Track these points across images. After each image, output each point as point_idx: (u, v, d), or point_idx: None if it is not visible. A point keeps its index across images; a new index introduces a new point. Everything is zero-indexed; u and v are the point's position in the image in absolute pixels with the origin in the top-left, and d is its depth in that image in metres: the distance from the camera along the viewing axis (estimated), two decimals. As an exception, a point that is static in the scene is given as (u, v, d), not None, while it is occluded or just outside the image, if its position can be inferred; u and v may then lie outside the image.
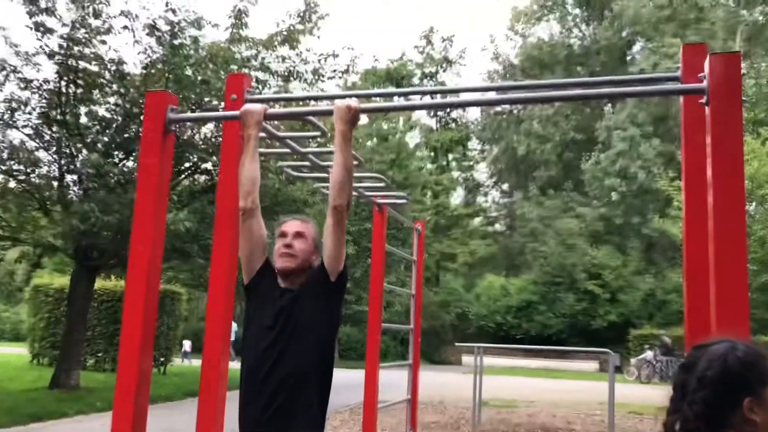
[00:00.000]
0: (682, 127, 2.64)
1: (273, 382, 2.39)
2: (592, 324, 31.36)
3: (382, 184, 4.70)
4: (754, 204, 22.97)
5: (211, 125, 11.87)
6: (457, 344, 14.02)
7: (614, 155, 33.88)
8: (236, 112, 2.69)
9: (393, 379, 9.78)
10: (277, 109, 2.96)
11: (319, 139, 8.24)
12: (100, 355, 16.72)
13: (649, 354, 24.50)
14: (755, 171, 21.02)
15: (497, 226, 48.18)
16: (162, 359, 17.39)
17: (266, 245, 2.63)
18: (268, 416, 2.37)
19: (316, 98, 3.27)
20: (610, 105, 36.67)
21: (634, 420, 11.83)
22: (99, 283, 14.95)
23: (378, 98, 4.55)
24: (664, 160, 31.62)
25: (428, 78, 44.04)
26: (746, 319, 2.14)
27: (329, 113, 2.62)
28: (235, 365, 2.94)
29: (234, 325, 14.15)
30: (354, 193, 4.95)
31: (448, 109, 46.49)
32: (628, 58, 39.51)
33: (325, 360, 2.50)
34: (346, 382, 5.27)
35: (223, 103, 3.43)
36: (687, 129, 2.60)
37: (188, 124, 12.40)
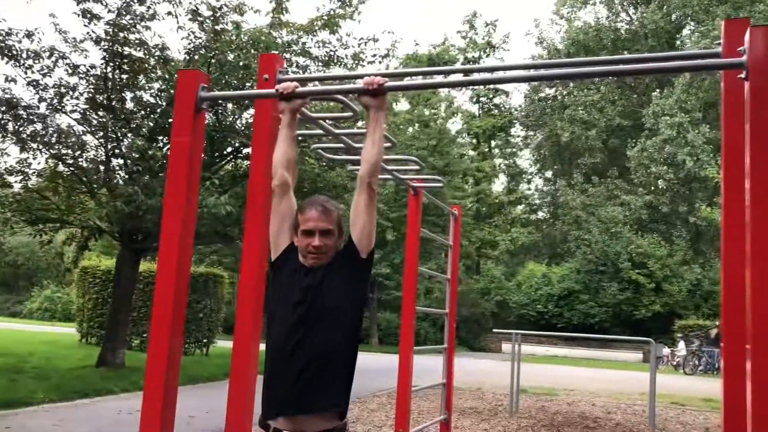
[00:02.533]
0: (723, 104, 2.55)
1: (300, 360, 2.38)
2: (636, 314, 30.81)
3: (417, 168, 4.68)
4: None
5: (253, 110, 11.98)
6: (495, 330, 13.94)
7: (661, 142, 33.02)
8: (268, 91, 2.70)
9: (431, 365, 9.79)
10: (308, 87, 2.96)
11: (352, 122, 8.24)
12: (144, 335, 17.13)
13: (680, 344, 24.20)
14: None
15: (540, 214, 47.63)
16: (205, 341, 17.75)
17: (294, 224, 2.59)
18: (295, 394, 2.37)
19: (349, 77, 3.25)
20: (657, 90, 35.72)
21: (676, 411, 11.62)
22: (144, 266, 15.30)
23: (416, 78, 4.52)
24: (712, 148, 30.70)
25: (471, 63, 43.60)
26: None
27: (358, 91, 2.61)
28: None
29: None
30: (388, 176, 4.94)
31: (489, 93, 46.00)
32: (677, 42, 38.38)
33: (352, 338, 2.51)
34: (386, 366, 5.29)
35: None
36: (727, 106, 2.51)
37: (230, 108, 12.58)
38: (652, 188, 33.93)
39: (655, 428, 9.28)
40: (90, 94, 11.94)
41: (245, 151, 13.08)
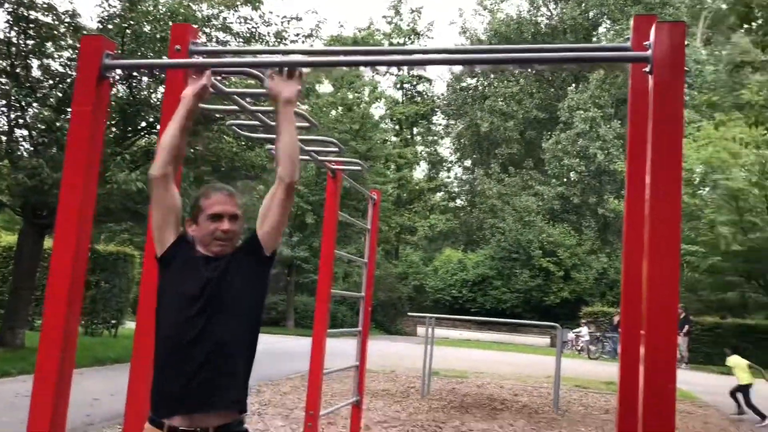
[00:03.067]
0: (629, 98, 2.64)
1: (198, 353, 2.25)
2: (546, 300, 32.00)
3: (336, 149, 4.64)
4: (707, 188, 23.55)
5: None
6: (409, 314, 14.17)
7: (575, 135, 34.26)
8: (177, 61, 2.59)
9: (346, 348, 9.82)
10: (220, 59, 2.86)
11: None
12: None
13: (583, 330, 25.45)
14: (709, 156, 21.50)
15: (458, 202, 48.52)
16: (114, 321, 17.15)
17: (180, 217, 2.45)
18: (194, 390, 2.24)
19: (269, 52, 3.15)
20: (573, 85, 36.95)
21: (579, 393, 12.13)
22: (49, 243, 14.59)
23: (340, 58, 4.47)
24: (622, 143, 32.08)
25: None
26: (676, 297, 2.16)
27: (273, 64, 2.53)
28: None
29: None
30: (306, 157, 4.88)
31: (413, 80, 46.33)
32: (594, 39, 39.77)
33: (253, 331, 2.40)
34: (301, 349, 5.25)
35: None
36: (633, 101, 2.61)
37: (145, 82, 12.12)
38: (565, 180, 35.16)
39: (559, 410, 9.65)
40: (-8, 60, 11.23)
41: (159, 126, 12.66)
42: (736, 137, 21.21)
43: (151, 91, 12.31)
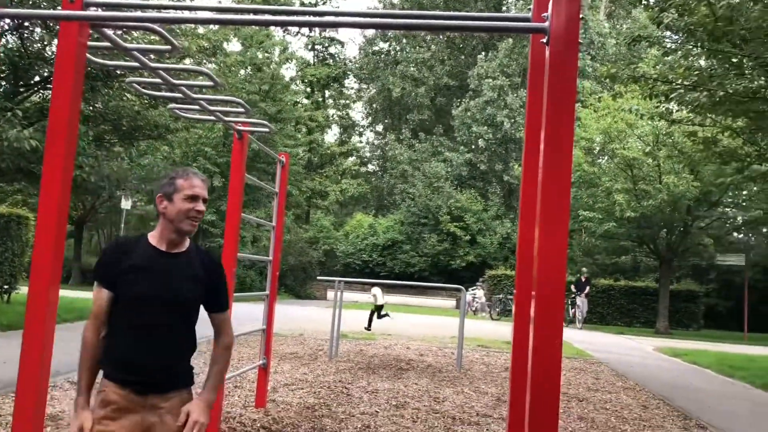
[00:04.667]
0: (529, 68, 2.73)
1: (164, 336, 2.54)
2: (452, 264, 32.89)
3: (242, 110, 4.54)
4: (606, 157, 24.67)
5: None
6: (318, 278, 14.19)
7: (483, 103, 34.96)
8: (72, 13, 2.46)
9: (255, 312, 9.77)
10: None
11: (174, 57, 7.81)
12: (-68, 281, 15.40)
13: (478, 292, 26.55)
14: (608, 126, 22.50)
15: (370, 167, 48.69)
16: (6, 287, 16.29)
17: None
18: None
19: (170, 7, 3.00)
20: (483, 53, 37.54)
21: (482, 353, 12.62)
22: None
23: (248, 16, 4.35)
24: (529, 111, 33.03)
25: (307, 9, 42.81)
26: (563, 260, 2.26)
27: (176, 21, 2.46)
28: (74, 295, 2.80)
29: (378, 291, 14.17)
30: (212, 118, 4.77)
31: (325, 41, 45.71)
32: (504, 8, 40.44)
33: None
34: (206, 315, 5.19)
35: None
36: (532, 71, 2.70)
37: (38, 34, 11.39)
38: (473, 147, 35.94)
39: (462, 368, 10.02)
40: None
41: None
42: (632, 108, 22.31)
43: (46, 44, 11.60)
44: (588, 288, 23.62)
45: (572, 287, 23.12)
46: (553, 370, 2.21)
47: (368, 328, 14.39)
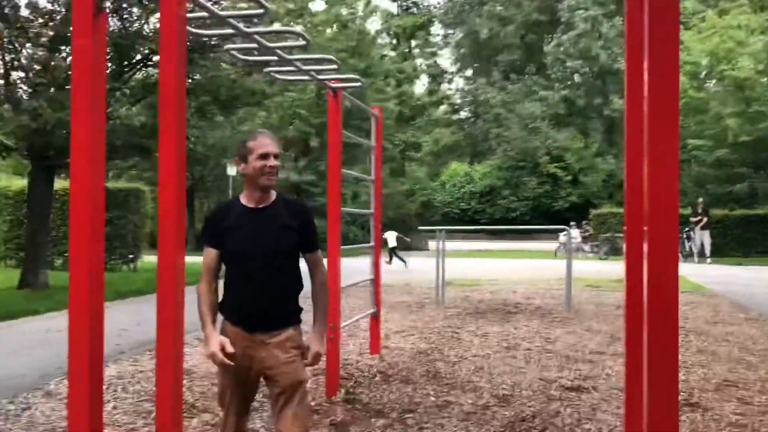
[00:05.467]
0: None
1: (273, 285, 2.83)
2: (554, 206, 32.22)
3: (334, 67, 4.62)
4: (714, 80, 23.20)
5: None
6: (420, 228, 14.30)
7: (576, 36, 33.49)
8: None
9: (362, 266, 10.04)
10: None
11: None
12: (66, 254, 16.74)
13: (574, 231, 25.73)
14: (714, 47, 21.06)
15: (462, 114, 48.06)
16: (131, 256, 17.50)
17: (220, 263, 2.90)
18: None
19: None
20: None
21: (591, 293, 12.41)
22: (59, 184, 14.72)
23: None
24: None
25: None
26: (676, 192, 2.19)
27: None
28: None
29: (392, 234, 15.36)
30: (305, 77, 4.88)
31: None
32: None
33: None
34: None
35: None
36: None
37: (135, 13, 11.88)
38: (569, 83, 34.66)
39: (571, 309, 9.93)
40: (-21, 3, 11.01)
41: (155, 58, 12.50)
42: (741, 24, 20.72)
43: (143, 21, 12.09)
44: (707, 219, 22.45)
45: (690, 220, 22.10)
46: (670, 303, 2.17)
47: (389, 262, 15.93)
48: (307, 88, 26.20)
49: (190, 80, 11.90)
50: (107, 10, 2.54)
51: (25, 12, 11.53)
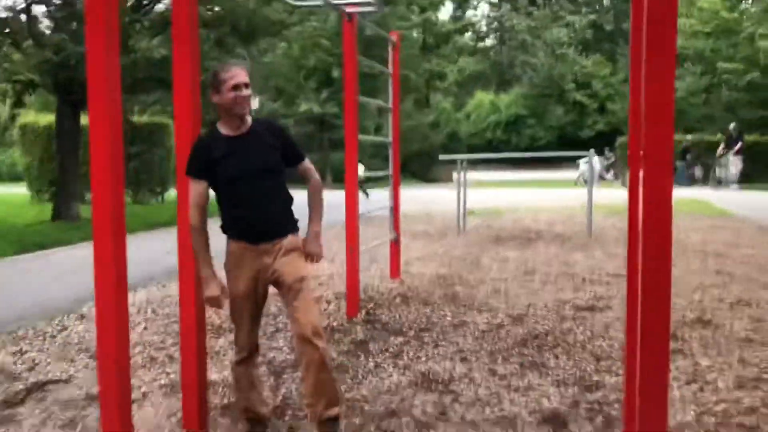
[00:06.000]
0: None
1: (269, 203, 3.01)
2: (581, 135, 31.80)
3: (347, -8, 4.60)
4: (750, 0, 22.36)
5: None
6: (441, 158, 14.23)
7: (605, -44, 32.27)
8: None
9: (384, 200, 10.16)
10: None
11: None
12: (97, 189, 17.15)
13: (595, 159, 25.43)
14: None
15: (487, 42, 46.97)
16: (159, 189, 17.85)
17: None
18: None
19: None
20: None
21: (613, 219, 12.43)
22: (86, 119, 14.91)
23: None
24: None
25: None
26: (670, 115, 2.19)
27: None
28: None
29: (361, 167, 14.70)
30: (319, 2, 4.88)
31: None
32: None
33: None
34: (338, 201, 5.55)
35: None
36: None
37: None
38: (597, 7, 33.61)
39: (593, 235, 10.00)
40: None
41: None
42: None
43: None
44: (740, 144, 21.99)
45: (721, 145, 21.70)
46: (663, 227, 2.20)
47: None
48: (329, 17, 25.81)
49: (209, 11, 11.83)
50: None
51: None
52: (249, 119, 3.02)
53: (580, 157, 12.81)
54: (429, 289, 6.40)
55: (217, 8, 12.56)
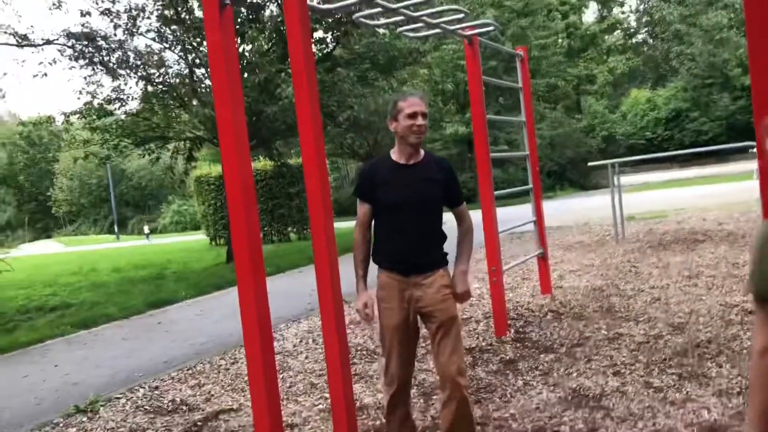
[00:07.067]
0: None
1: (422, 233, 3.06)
2: (753, 121, 29.12)
3: (462, 16, 4.66)
4: None
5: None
6: (589, 164, 13.65)
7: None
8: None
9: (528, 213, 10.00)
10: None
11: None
12: (265, 229, 18.40)
13: None
14: None
15: (638, 37, 44.73)
16: (304, 230, 18.82)
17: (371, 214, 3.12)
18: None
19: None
20: None
21: (794, 211, 11.27)
22: (256, 165, 16.12)
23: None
24: None
25: None
26: None
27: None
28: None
29: None
30: (437, 30, 4.98)
31: None
32: None
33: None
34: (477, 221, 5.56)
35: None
36: None
37: None
38: (758, -18, 30.83)
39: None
40: (159, 11, 12.31)
41: (315, 35, 13.15)
42: None
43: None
44: None
45: None
46: None
47: None
48: (459, 48, 25.95)
49: (347, 51, 12.40)
50: (230, 3, 2.85)
51: (198, 14, 12.68)
52: (422, 152, 3.08)
53: (747, 147, 11.75)
54: (583, 303, 6.19)
55: (357, 47, 13.15)
